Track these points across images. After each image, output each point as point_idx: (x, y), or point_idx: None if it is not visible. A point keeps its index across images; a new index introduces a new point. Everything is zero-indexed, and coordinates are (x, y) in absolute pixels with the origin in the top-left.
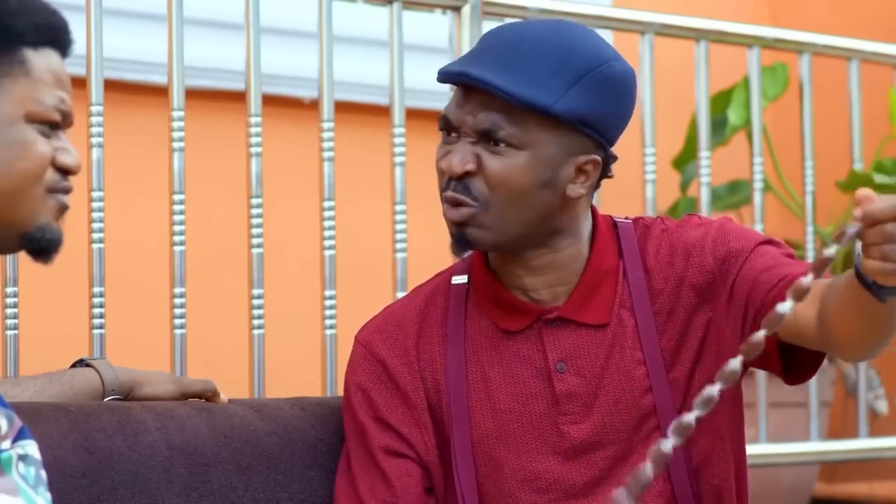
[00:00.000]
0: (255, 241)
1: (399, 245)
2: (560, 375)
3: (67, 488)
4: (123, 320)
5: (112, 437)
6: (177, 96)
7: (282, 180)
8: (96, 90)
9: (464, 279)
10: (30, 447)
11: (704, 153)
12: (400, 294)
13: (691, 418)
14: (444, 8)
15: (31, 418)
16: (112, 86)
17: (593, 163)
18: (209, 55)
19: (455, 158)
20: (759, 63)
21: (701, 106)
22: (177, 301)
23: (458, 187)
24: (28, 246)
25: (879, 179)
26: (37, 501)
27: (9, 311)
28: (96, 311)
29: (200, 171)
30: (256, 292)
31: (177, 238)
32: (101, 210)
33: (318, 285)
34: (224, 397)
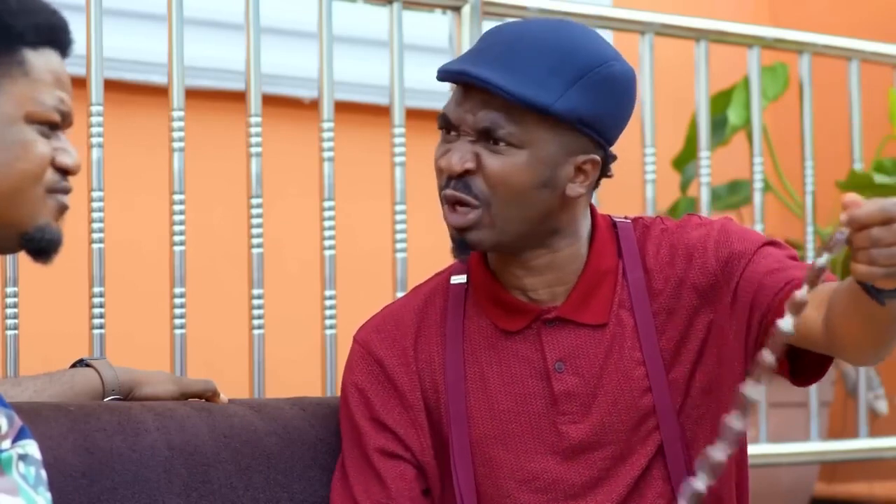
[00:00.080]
0: (255, 241)
1: (399, 245)
2: (559, 375)
3: (67, 488)
4: (123, 320)
5: (112, 437)
6: (177, 96)
7: (282, 180)
8: (96, 90)
9: (463, 279)
10: (30, 447)
11: (704, 153)
12: (400, 294)
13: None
14: (444, 8)
15: (31, 418)
16: (112, 86)
17: (592, 162)
18: (209, 55)
19: (455, 157)
20: (759, 63)
21: (701, 106)
22: (177, 301)
23: (459, 186)
24: (28, 246)
25: (879, 179)
26: (37, 501)
27: (9, 311)
28: (96, 311)
29: (200, 171)
30: (256, 292)
31: (177, 238)
32: (101, 210)
33: (318, 285)
34: (224, 397)
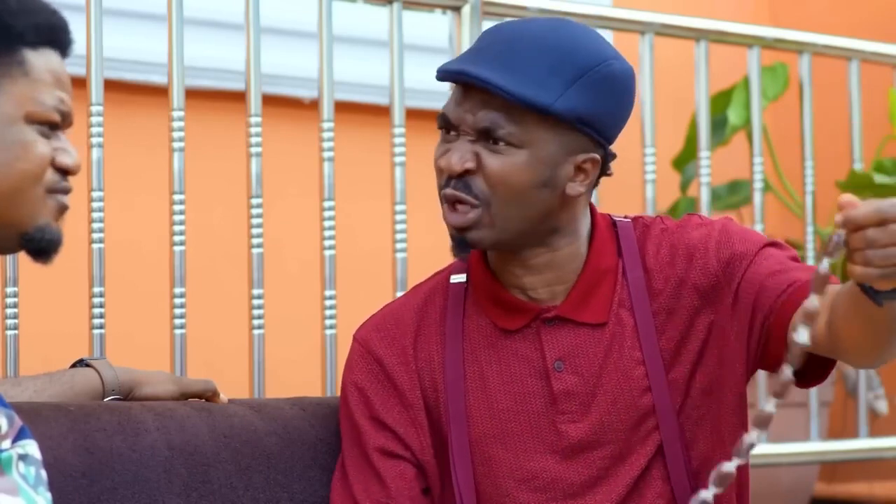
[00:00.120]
0: (255, 241)
1: (399, 245)
2: (558, 374)
3: (67, 488)
4: (123, 320)
5: (112, 437)
6: (177, 96)
7: (282, 180)
8: (96, 90)
9: (462, 278)
10: (30, 447)
11: (704, 153)
12: (400, 294)
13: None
14: (444, 8)
15: (31, 418)
16: (112, 86)
17: (592, 161)
18: (209, 55)
19: (454, 157)
20: (759, 63)
21: (701, 106)
22: (177, 301)
23: (459, 185)
24: (28, 246)
25: (879, 179)
26: (37, 501)
27: (9, 311)
28: (96, 311)
29: (200, 171)
30: (256, 292)
31: (177, 238)
32: (101, 210)
33: (318, 285)
34: (224, 397)
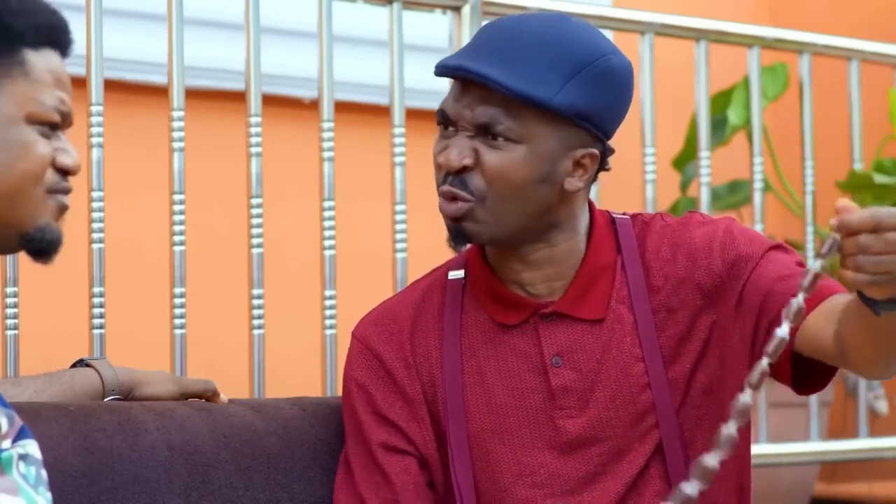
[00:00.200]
0: (255, 241)
1: (399, 245)
2: (556, 370)
3: (67, 488)
4: (123, 320)
5: (112, 437)
6: (177, 96)
7: (282, 180)
8: (96, 90)
9: (460, 274)
10: (30, 447)
11: (704, 153)
12: None
13: (714, 462)
14: (444, 8)
15: (31, 418)
16: (112, 86)
17: (591, 156)
18: (209, 55)
19: (453, 153)
20: (759, 63)
21: (701, 106)
22: (177, 301)
23: (455, 182)
24: (28, 246)
25: (879, 179)
26: (37, 501)
27: (9, 311)
28: (96, 311)
29: (200, 171)
30: (256, 292)
31: (177, 238)
32: (101, 210)
33: (318, 285)
34: (224, 397)
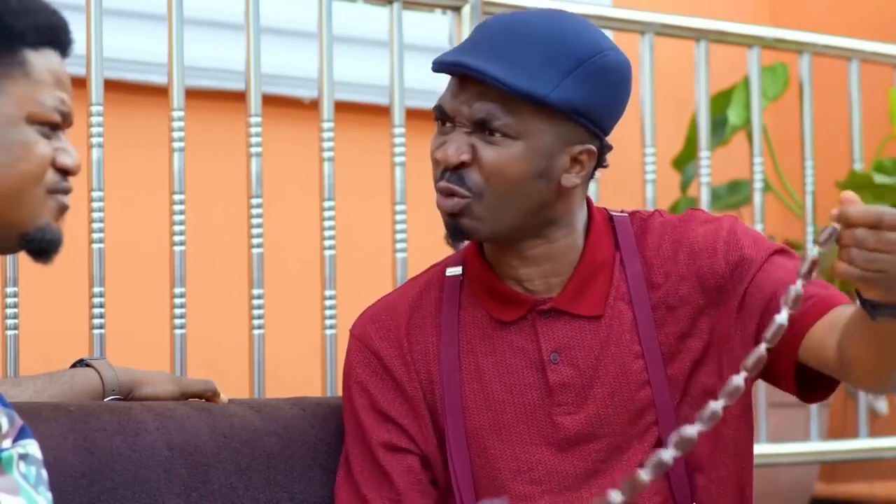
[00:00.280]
0: (255, 241)
1: (399, 245)
2: (554, 366)
3: (67, 488)
4: (123, 320)
5: (112, 437)
6: (177, 96)
7: (282, 180)
8: (96, 90)
9: (458, 270)
10: (31, 446)
11: (704, 153)
12: None
13: (693, 432)
14: (444, 8)
15: (31, 418)
16: (112, 86)
17: (588, 152)
18: (209, 55)
19: (451, 148)
20: (759, 63)
21: (701, 106)
22: (177, 301)
23: (452, 178)
24: (28, 246)
25: (879, 179)
26: (37, 501)
27: (9, 311)
28: (96, 311)
29: (200, 171)
30: (256, 292)
31: (177, 238)
32: (101, 210)
33: (318, 285)
34: (224, 397)
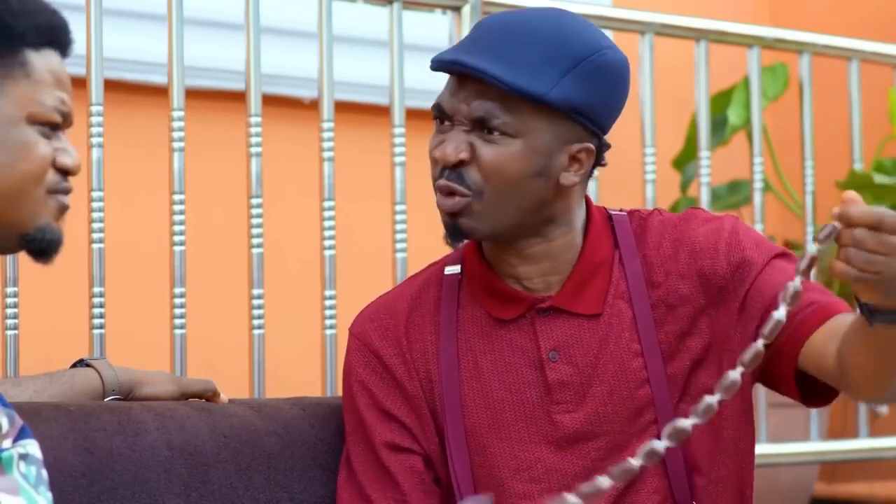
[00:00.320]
0: (255, 241)
1: (399, 245)
2: (552, 364)
3: (67, 488)
4: (123, 320)
5: (112, 437)
6: (177, 96)
7: (282, 180)
8: (96, 90)
9: (457, 269)
10: (31, 446)
11: (704, 153)
12: None
13: (688, 424)
14: (444, 8)
15: (31, 418)
16: (112, 86)
17: (587, 151)
18: (209, 55)
19: (449, 147)
20: (759, 63)
21: (701, 106)
22: (177, 301)
23: (452, 176)
24: (28, 247)
25: (879, 179)
26: (38, 501)
27: (9, 311)
28: (96, 311)
29: (200, 171)
30: (256, 292)
31: (177, 238)
32: (101, 210)
33: (318, 285)
34: (224, 397)
